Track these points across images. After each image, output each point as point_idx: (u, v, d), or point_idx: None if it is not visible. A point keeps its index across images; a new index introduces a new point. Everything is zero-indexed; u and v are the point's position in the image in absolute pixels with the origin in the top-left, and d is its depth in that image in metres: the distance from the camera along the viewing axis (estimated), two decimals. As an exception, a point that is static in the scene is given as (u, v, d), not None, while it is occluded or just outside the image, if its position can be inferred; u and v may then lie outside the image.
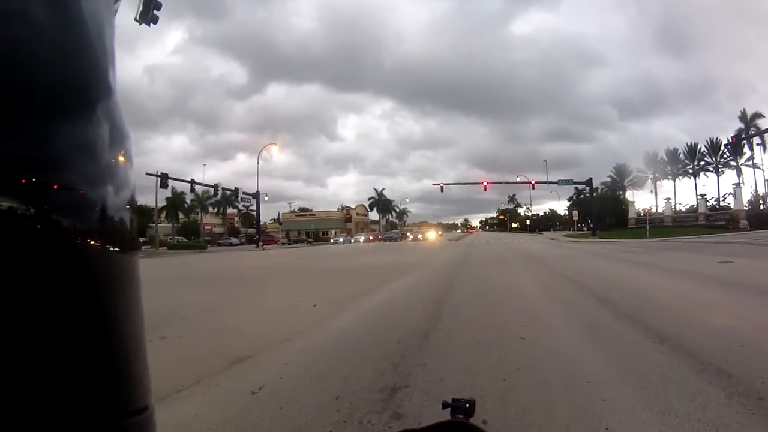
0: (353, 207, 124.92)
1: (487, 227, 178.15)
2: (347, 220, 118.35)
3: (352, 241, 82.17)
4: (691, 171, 76.84)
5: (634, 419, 3.49)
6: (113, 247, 0.57)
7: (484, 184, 60.06)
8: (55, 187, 0.51)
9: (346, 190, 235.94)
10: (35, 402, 0.46)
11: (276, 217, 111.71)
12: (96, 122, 0.56)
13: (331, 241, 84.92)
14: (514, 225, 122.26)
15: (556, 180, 64.21)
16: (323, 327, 7.04)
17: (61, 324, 0.49)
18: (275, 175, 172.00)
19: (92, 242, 0.54)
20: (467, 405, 0.94)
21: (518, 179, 74.96)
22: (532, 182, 63.45)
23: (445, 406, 0.96)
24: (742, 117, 62.61)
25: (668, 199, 73.14)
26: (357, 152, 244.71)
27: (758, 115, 60.30)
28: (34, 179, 0.48)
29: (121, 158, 0.60)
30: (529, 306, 8.64)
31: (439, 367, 4.85)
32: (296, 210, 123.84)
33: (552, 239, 54.24)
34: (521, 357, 5.11)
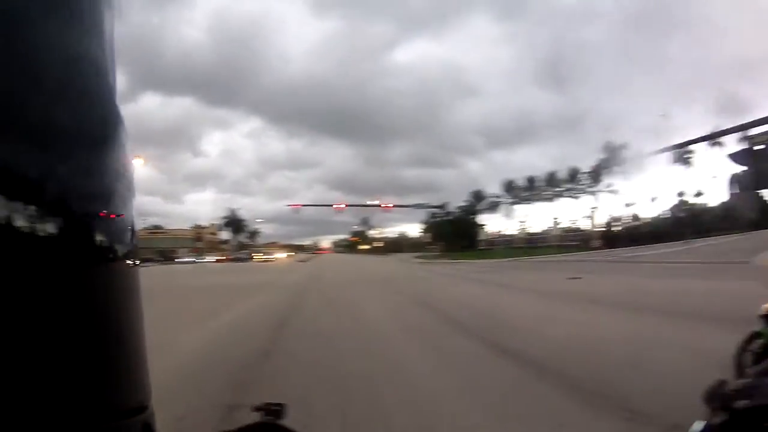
0: (206, 226, 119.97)
1: (339, 249, 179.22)
2: (198, 239, 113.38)
3: (201, 261, 78.82)
4: (548, 196, 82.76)
5: (474, 426, 3.84)
6: (118, 256, 0.59)
7: (338, 206, 60.83)
8: (102, 214, 0.56)
9: (203, 207, 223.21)
10: (37, 401, 0.47)
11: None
12: (118, 147, 0.59)
13: (176, 261, 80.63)
14: (365, 247, 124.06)
15: (411, 204, 65.99)
16: (165, 348, 6.76)
17: (65, 327, 0.50)
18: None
19: (99, 251, 0.56)
20: (276, 408, 0.99)
21: (376, 202, 76.26)
22: (385, 205, 65.14)
23: (256, 409, 1.00)
24: (606, 148, 68.71)
25: (521, 222, 78.03)
26: (218, 170, 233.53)
27: (622, 146, 66.49)
28: (80, 205, 0.53)
29: (130, 173, 0.63)
30: (372, 327, 8.95)
31: (279, 384, 5.09)
32: (149, 227, 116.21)
33: (401, 261, 55.39)
34: (362, 376, 5.38)
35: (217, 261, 78.10)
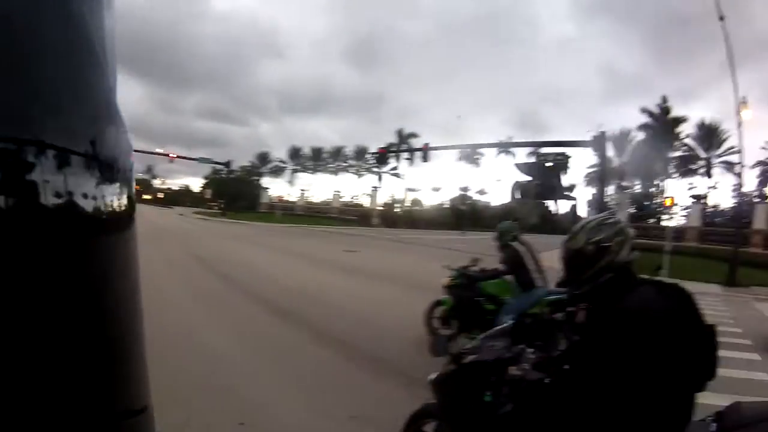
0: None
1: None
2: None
3: None
4: (332, 169, 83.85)
5: (245, 372, 4.33)
6: (118, 245, 0.56)
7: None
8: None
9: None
10: (35, 402, 0.45)
11: None
12: (116, 117, 0.56)
13: None
14: (147, 197, 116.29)
15: (196, 157, 62.69)
16: None
17: (62, 323, 0.47)
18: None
19: (98, 239, 0.53)
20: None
21: (163, 150, 70.42)
22: (171, 155, 61.09)
23: None
24: (398, 133, 71.36)
25: (303, 190, 77.67)
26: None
27: (413, 135, 69.41)
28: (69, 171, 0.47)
29: (131, 146, 0.59)
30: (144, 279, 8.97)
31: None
32: None
33: (180, 215, 52.52)
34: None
35: None
